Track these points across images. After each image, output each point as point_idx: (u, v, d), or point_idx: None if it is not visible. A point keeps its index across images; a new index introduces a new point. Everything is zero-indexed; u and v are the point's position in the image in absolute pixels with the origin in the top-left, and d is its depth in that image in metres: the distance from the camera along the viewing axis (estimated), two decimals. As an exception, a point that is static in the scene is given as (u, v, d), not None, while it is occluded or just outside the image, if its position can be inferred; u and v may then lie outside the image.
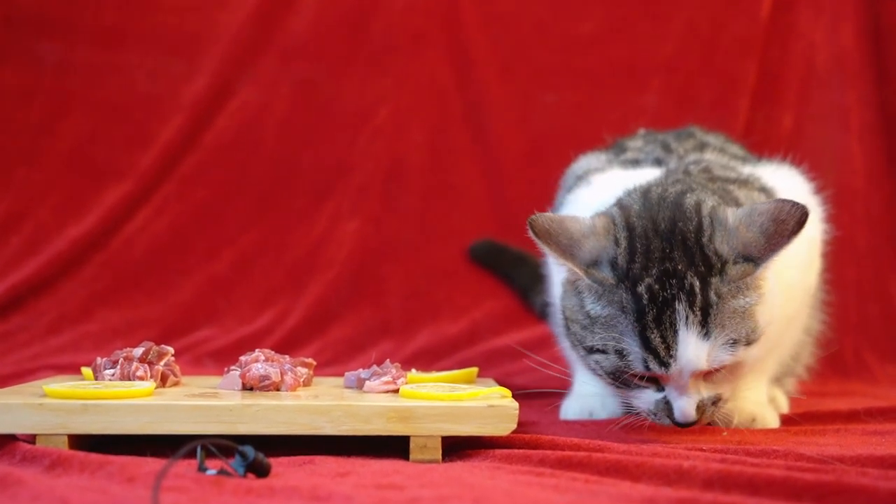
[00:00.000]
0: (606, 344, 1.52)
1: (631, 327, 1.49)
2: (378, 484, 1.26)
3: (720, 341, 1.48)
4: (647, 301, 1.48)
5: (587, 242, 1.54)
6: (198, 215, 2.63)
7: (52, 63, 2.63)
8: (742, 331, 1.49)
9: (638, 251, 1.52)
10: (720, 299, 1.48)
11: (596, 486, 1.29)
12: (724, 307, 1.48)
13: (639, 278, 1.50)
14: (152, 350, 1.61)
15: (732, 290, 1.49)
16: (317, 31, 2.67)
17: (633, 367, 1.50)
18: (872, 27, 2.64)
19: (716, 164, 1.81)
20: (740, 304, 1.50)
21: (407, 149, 2.67)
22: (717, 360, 1.49)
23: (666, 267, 1.49)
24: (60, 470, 1.33)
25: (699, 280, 1.48)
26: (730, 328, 1.48)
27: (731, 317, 1.49)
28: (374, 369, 1.63)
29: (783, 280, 1.68)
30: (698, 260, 1.50)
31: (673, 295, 1.47)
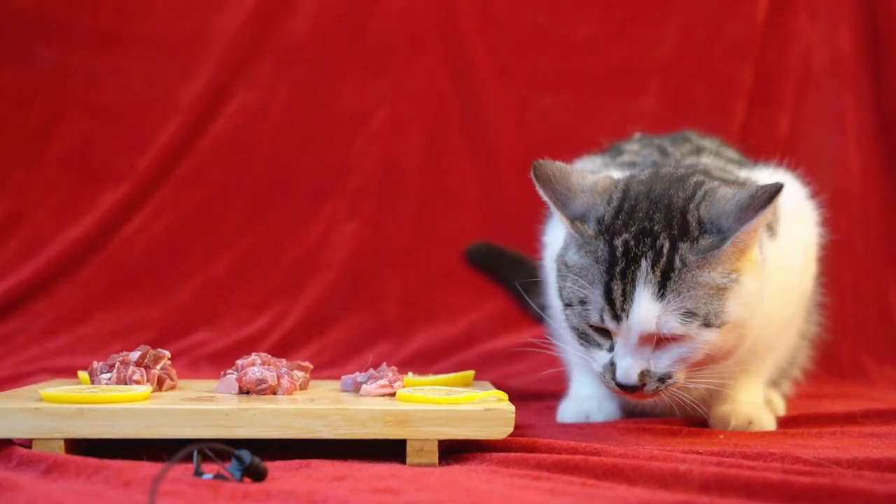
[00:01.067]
0: (574, 295, 1.54)
1: (598, 277, 1.51)
2: (374, 488, 1.26)
3: (673, 307, 1.48)
4: (619, 254, 1.50)
5: (582, 197, 1.58)
6: (195, 218, 2.63)
7: (50, 66, 2.63)
8: (702, 307, 1.49)
9: (624, 210, 1.55)
10: (684, 266, 1.49)
11: (592, 489, 1.29)
12: (687, 275, 1.49)
13: (617, 233, 1.52)
14: (149, 354, 1.61)
15: (700, 262, 1.49)
16: (314, 34, 2.67)
17: (591, 317, 1.52)
18: (869, 30, 2.64)
19: (712, 167, 1.81)
20: (706, 278, 1.49)
21: (404, 151, 2.67)
22: (666, 326, 1.49)
23: (644, 226, 1.52)
24: (57, 474, 1.33)
25: (669, 242, 1.50)
26: (687, 299, 1.48)
27: (691, 287, 1.49)
28: (370, 372, 1.63)
29: (779, 283, 1.68)
30: (676, 224, 1.51)
31: (643, 252, 1.50)
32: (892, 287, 2.61)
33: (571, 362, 1.91)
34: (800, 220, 1.80)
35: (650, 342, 1.52)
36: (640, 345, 1.52)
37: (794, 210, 1.79)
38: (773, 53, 2.67)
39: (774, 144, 2.58)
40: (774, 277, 1.68)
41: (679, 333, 1.49)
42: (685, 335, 1.50)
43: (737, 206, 1.50)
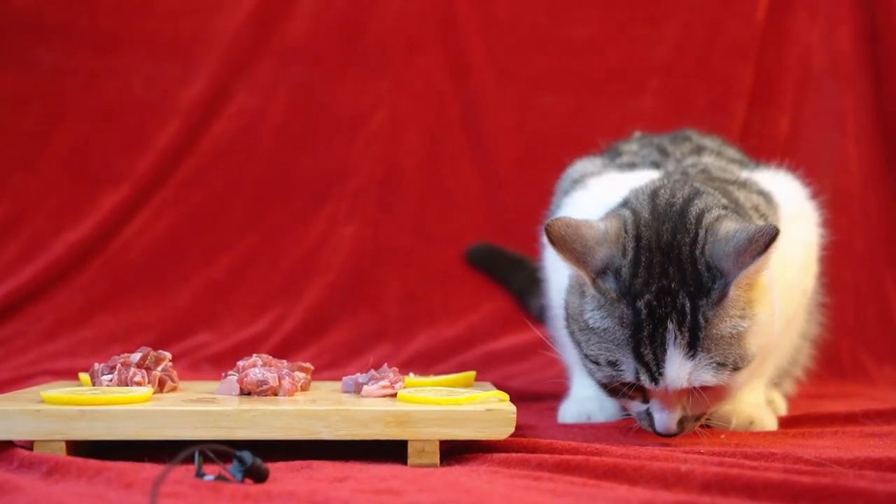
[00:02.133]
0: (600, 355, 1.54)
1: (626, 341, 1.51)
2: (376, 489, 1.26)
3: (704, 363, 1.49)
4: (644, 317, 1.50)
5: (600, 250, 1.55)
6: (195, 220, 2.63)
7: (49, 68, 2.63)
8: (730, 356, 1.50)
9: (642, 264, 1.53)
10: (707, 322, 1.49)
11: (594, 489, 1.29)
12: (712, 330, 1.49)
13: (639, 294, 1.51)
14: (150, 355, 1.61)
15: (719, 314, 1.50)
16: (313, 36, 2.67)
17: (625, 377, 1.52)
18: (868, 30, 2.64)
19: (713, 167, 1.81)
20: (726, 328, 1.50)
21: (403, 153, 2.67)
22: (700, 380, 1.50)
23: (663, 284, 1.51)
24: (58, 476, 1.33)
25: (689, 300, 1.50)
26: (716, 352, 1.49)
27: (717, 341, 1.50)
28: (371, 373, 1.63)
29: (781, 281, 1.68)
30: (691, 279, 1.51)
31: (667, 313, 1.49)
32: (893, 287, 2.61)
33: (572, 364, 1.91)
34: (801, 220, 1.80)
35: (686, 394, 1.53)
36: (677, 398, 1.53)
37: (795, 211, 1.79)
38: (772, 53, 2.67)
39: (774, 144, 2.58)
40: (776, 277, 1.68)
41: (715, 383, 1.51)
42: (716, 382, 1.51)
43: (735, 251, 1.50)
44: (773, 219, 1.72)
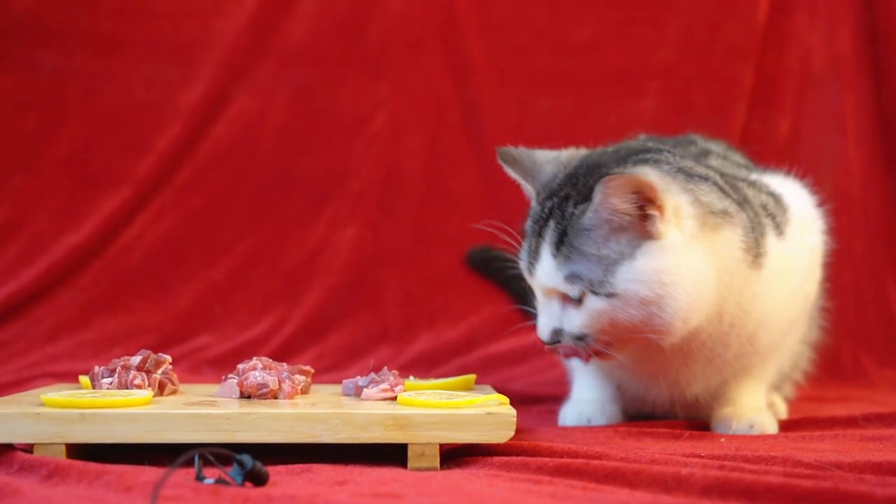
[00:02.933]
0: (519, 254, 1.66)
1: (528, 234, 1.64)
2: (376, 492, 1.26)
3: (564, 269, 1.57)
4: (543, 215, 1.61)
5: (548, 167, 1.68)
6: (195, 222, 2.63)
7: (49, 70, 2.63)
8: (585, 273, 1.55)
9: (569, 178, 1.63)
10: (572, 231, 1.56)
11: (594, 493, 1.29)
12: (574, 240, 1.56)
13: (550, 196, 1.62)
14: (150, 358, 1.61)
15: (584, 230, 1.55)
16: (314, 38, 2.67)
17: (521, 266, 1.65)
18: (869, 31, 2.64)
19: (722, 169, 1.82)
20: (590, 246, 1.55)
21: (404, 155, 2.67)
22: (553, 282, 1.58)
23: (568, 192, 1.60)
24: (58, 479, 1.33)
25: (572, 209, 1.58)
26: (576, 262, 1.56)
27: (577, 251, 1.56)
28: (371, 377, 1.63)
29: (784, 285, 1.69)
30: (584, 193, 1.58)
31: (555, 213, 1.60)
32: (893, 289, 2.61)
33: (572, 367, 1.91)
34: (807, 226, 1.80)
35: (557, 300, 1.59)
36: (548, 302, 1.60)
37: (803, 216, 1.80)
38: (773, 55, 2.67)
39: (775, 146, 2.58)
40: (779, 280, 1.69)
41: (570, 294, 1.57)
42: (581, 299, 1.56)
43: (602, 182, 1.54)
44: (781, 219, 1.73)
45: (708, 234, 1.59)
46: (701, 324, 1.61)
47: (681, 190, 1.59)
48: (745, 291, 1.65)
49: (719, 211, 1.62)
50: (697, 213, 1.59)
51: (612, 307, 1.55)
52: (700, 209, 1.59)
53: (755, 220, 1.67)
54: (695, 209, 1.59)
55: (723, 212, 1.62)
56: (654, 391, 1.80)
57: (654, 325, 1.56)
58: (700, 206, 1.60)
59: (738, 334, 1.68)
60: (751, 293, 1.66)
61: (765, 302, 1.68)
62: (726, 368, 1.73)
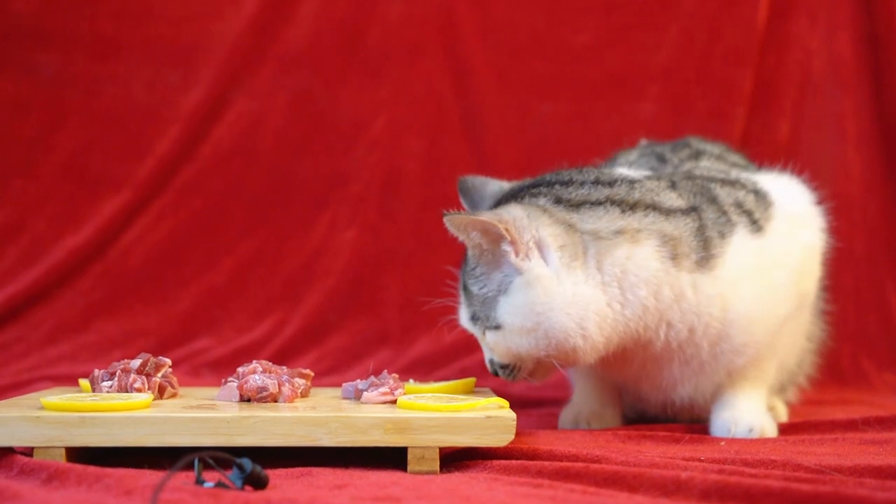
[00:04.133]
0: None
1: None
2: (376, 496, 1.26)
3: (467, 311, 1.71)
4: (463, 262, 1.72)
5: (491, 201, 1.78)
6: (195, 226, 2.63)
7: (49, 74, 2.63)
8: (479, 312, 1.68)
9: None
10: (465, 276, 1.70)
11: (593, 497, 1.29)
12: (466, 282, 1.70)
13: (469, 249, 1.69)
14: (150, 361, 1.61)
15: (469, 271, 1.69)
16: (313, 42, 2.67)
17: None
18: (868, 35, 2.64)
19: (707, 169, 1.82)
20: (473, 285, 1.68)
21: (404, 158, 2.67)
22: (466, 325, 1.73)
23: None
24: (58, 483, 1.33)
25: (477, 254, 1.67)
26: (472, 304, 1.69)
27: (469, 294, 1.69)
28: (371, 380, 1.63)
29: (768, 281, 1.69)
30: None
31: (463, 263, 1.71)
32: (893, 292, 2.61)
33: (573, 370, 1.91)
34: (802, 223, 1.80)
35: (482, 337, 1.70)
36: (482, 339, 1.71)
37: (796, 213, 1.80)
38: (772, 59, 2.67)
39: (775, 150, 2.58)
40: (754, 276, 1.69)
41: (475, 333, 1.72)
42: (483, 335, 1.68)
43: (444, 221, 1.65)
44: (760, 215, 1.74)
45: (590, 259, 1.64)
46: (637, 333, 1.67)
47: (551, 223, 1.65)
48: (689, 297, 1.67)
49: (610, 233, 1.65)
50: (571, 242, 1.64)
51: (502, 337, 1.66)
52: (575, 238, 1.64)
53: (718, 220, 1.70)
54: (567, 239, 1.64)
55: (616, 232, 1.65)
56: (646, 395, 1.81)
57: (549, 349, 1.64)
58: (576, 235, 1.64)
59: (705, 335, 1.69)
60: (704, 296, 1.68)
61: (731, 301, 1.69)
62: (710, 369, 1.73)
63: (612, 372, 1.79)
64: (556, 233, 1.64)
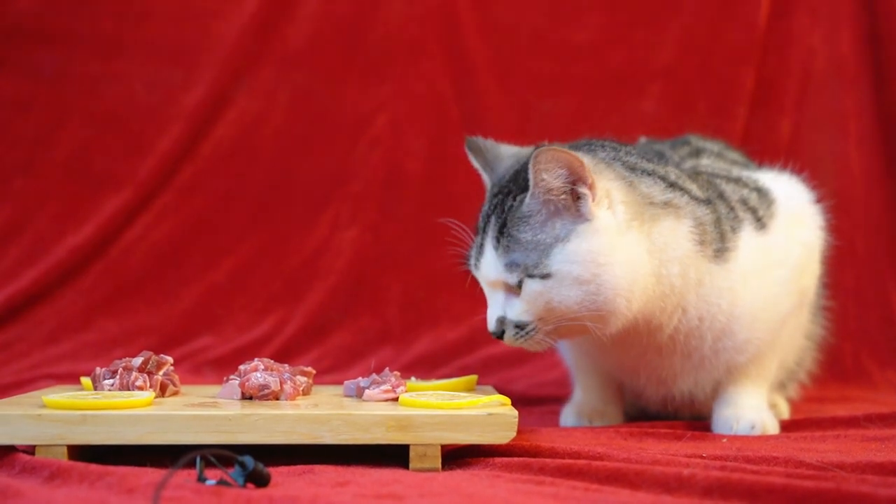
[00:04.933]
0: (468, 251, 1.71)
1: (478, 230, 1.68)
2: (378, 493, 1.26)
3: (503, 258, 1.61)
4: (489, 209, 1.66)
5: (507, 161, 1.73)
6: (196, 224, 2.63)
7: (50, 73, 2.63)
8: (522, 259, 1.59)
9: (515, 173, 1.67)
10: (508, 222, 1.61)
11: (596, 494, 1.29)
12: (511, 230, 1.61)
13: (497, 192, 1.67)
14: (151, 360, 1.61)
15: (518, 218, 1.60)
16: (314, 41, 2.67)
17: (468, 264, 1.69)
18: (870, 33, 2.64)
19: (710, 167, 1.82)
20: (524, 233, 1.59)
21: (405, 157, 2.67)
22: (495, 273, 1.62)
23: (510, 187, 1.65)
24: (60, 481, 1.33)
25: (512, 200, 1.62)
26: (514, 251, 1.60)
27: (516, 241, 1.60)
28: (373, 378, 1.63)
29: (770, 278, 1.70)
30: (522, 185, 1.62)
31: (496, 208, 1.64)
32: (895, 290, 2.61)
33: (575, 366, 1.91)
34: (802, 222, 1.81)
35: (502, 290, 1.63)
36: (493, 294, 1.64)
37: (795, 211, 1.80)
38: (774, 57, 2.67)
39: (776, 148, 2.58)
40: (760, 274, 1.70)
41: (509, 282, 1.61)
42: (520, 285, 1.60)
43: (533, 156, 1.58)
44: (764, 213, 1.74)
45: (644, 223, 1.62)
46: (653, 314, 1.65)
47: (615, 177, 1.64)
48: (707, 285, 1.67)
49: (660, 202, 1.65)
50: (631, 200, 1.62)
51: (547, 288, 1.59)
52: (635, 198, 1.63)
53: (728, 215, 1.70)
54: (628, 197, 1.62)
55: (665, 203, 1.65)
56: (645, 389, 1.81)
57: (592, 306, 1.59)
58: (636, 195, 1.63)
59: (710, 328, 1.70)
60: (716, 287, 1.68)
61: (739, 296, 1.70)
62: (710, 365, 1.73)
63: (612, 360, 1.78)
64: (621, 187, 1.63)
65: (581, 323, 1.60)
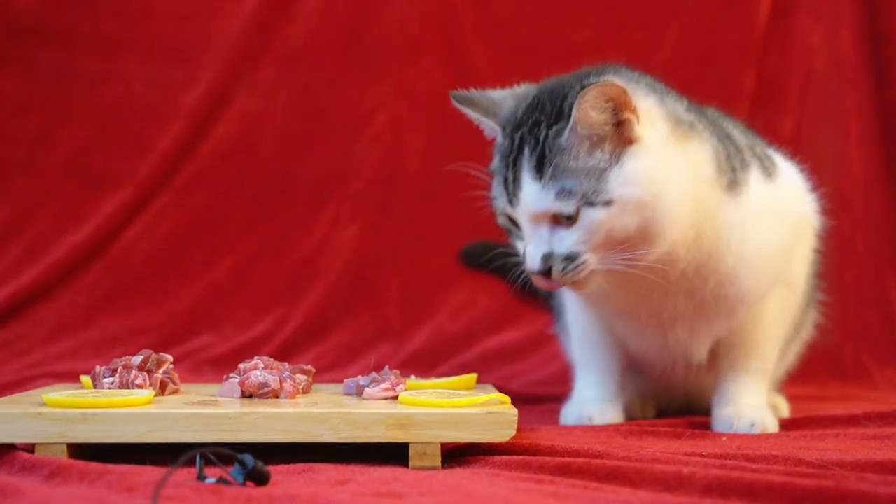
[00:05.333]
0: (491, 193, 1.65)
1: (500, 169, 1.62)
2: (377, 492, 1.26)
3: (550, 188, 1.55)
4: (515, 146, 1.60)
5: (507, 102, 1.68)
6: (196, 223, 2.63)
7: (51, 72, 2.63)
8: (576, 186, 1.54)
9: (532, 106, 1.62)
10: (552, 150, 1.55)
11: (595, 492, 1.29)
12: (556, 158, 1.55)
13: (516, 127, 1.61)
14: (151, 358, 1.61)
15: (564, 145, 1.55)
16: (314, 39, 2.67)
17: (498, 206, 1.63)
18: (870, 32, 2.64)
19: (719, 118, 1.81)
20: (574, 159, 1.55)
21: (404, 155, 2.67)
22: (544, 204, 1.55)
23: (537, 118, 1.60)
24: (59, 479, 1.33)
25: (546, 130, 1.57)
26: (563, 179, 1.55)
27: (564, 169, 1.55)
28: (373, 376, 1.63)
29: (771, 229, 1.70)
30: (555, 113, 1.59)
31: (528, 141, 1.59)
32: (895, 289, 2.61)
33: (576, 361, 1.90)
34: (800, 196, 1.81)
35: (546, 224, 1.57)
36: (536, 227, 1.58)
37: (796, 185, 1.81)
38: (774, 56, 2.67)
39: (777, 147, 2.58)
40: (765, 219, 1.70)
41: (562, 212, 1.55)
42: (576, 215, 1.55)
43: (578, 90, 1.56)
44: (769, 166, 1.75)
45: (678, 140, 1.61)
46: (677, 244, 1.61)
47: (647, 93, 1.63)
48: (720, 217, 1.65)
49: (686, 122, 1.63)
50: (665, 116, 1.61)
51: (609, 215, 1.54)
52: (668, 113, 1.62)
53: (736, 154, 1.69)
54: (662, 112, 1.61)
55: (689, 123, 1.64)
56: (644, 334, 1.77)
57: (648, 231, 1.56)
58: (667, 111, 1.62)
59: (717, 268, 1.67)
60: (728, 221, 1.66)
61: (746, 236, 1.68)
62: (710, 311, 1.71)
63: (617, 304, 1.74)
64: (655, 103, 1.61)
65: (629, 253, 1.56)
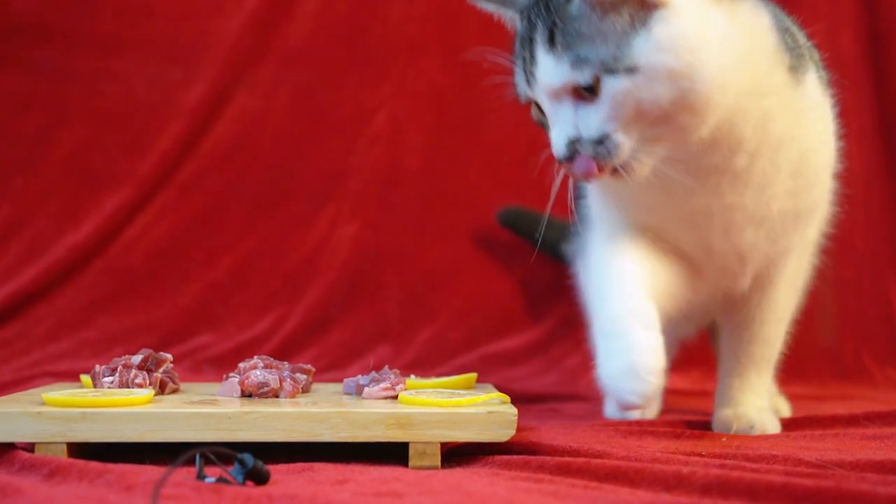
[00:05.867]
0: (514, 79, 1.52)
1: (518, 52, 1.49)
2: (377, 491, 1.26)
3: (567, 58, 1.41)
4: (529, 27, 1.47)
5: None
6: (196, 222, 2.62)
7: (50, 70, 2.63)
8: (594, 52, 1.39)
9: None
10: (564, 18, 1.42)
11: (595, 491, 1.29)
12: (569, 26, 1.41)
13: (529, 9, 1.48)
14: (151, 357, 1.61)
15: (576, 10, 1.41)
16: (314, 38, 2.67)
17: (520, 91, 1.50)
18: (870, 32, 2.64)
19: None
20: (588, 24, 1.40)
21: (404, 154, 2.67)
22: (560, 76, 1.41)
23: None
24: (59, 478, 1.33)
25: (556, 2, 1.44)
26: (579, 47, 1.40)
27: (578, 36, 1.40)
28: (372, 375, 1.63)
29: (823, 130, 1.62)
30: None
31: (540, 15, 1.45)
32: (895, 288, 2.61)
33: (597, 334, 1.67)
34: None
35: (569, 103, 1.43)
36: (558, 107, 1.44)
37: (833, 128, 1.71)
38: (774, 55, 2.66)
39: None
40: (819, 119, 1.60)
41: (580, 81, 1.40)
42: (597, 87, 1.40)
43: None
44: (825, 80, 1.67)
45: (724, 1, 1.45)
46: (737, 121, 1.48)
47: None
48: (785, 100, 1.54)
49: None
50: None
51: (634, 85, 1.38)
52: None
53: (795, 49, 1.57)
54: None
55: None
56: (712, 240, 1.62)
57: (687, 103, 1.40)
58: None
59: (787, 158, 1.56)
60: (793, 107, 1.55)
61: (807, 129, 1.58)
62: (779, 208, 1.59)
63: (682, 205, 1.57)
64: None
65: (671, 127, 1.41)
